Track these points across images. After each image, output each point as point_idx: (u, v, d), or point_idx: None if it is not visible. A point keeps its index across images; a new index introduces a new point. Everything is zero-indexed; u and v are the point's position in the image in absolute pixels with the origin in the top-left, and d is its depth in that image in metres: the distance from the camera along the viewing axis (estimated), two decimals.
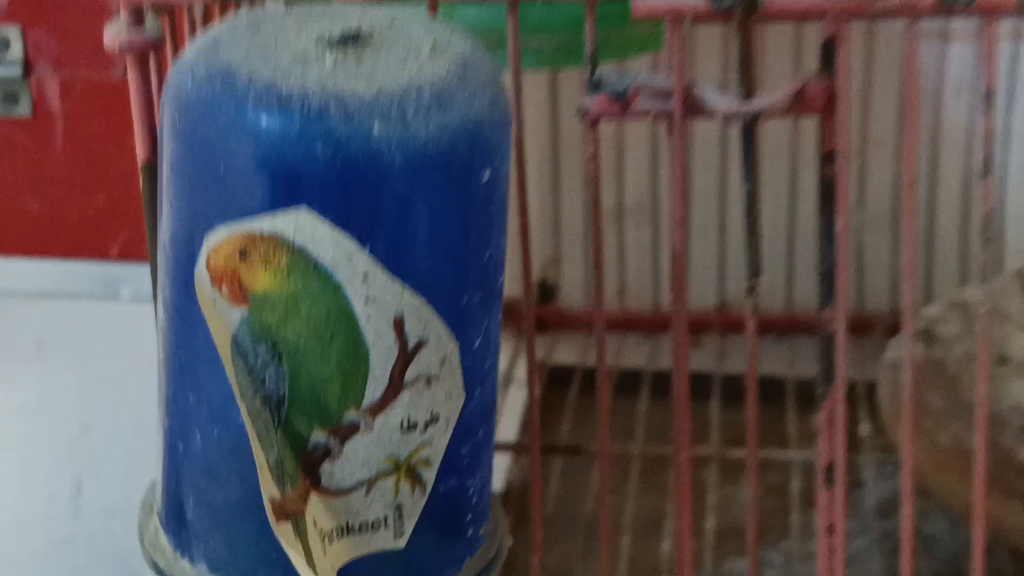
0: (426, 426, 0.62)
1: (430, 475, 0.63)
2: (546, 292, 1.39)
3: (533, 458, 0.72)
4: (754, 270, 0.64)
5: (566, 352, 1.36)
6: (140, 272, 0.97)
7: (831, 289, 0.66)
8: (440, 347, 0.60)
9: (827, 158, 0.64)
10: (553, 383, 1.32)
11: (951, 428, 1.04)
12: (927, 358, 1.10)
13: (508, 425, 1.25)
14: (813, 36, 1.02)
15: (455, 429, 0.63)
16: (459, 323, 0.61)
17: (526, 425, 1.24)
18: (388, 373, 0.60)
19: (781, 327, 1.33)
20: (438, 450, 0.62)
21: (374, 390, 0.60)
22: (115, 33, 0.68)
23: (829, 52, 0.64)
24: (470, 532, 0.66)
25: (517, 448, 1.21)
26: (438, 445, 0.62)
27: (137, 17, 0.67)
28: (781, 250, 1.34)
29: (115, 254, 0.98)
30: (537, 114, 1.32)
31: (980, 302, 0.70)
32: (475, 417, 0.63)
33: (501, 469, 1.18)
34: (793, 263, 1.35)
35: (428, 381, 0.61)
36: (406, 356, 0.60)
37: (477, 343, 0.62)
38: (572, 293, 1.39)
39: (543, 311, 1.37)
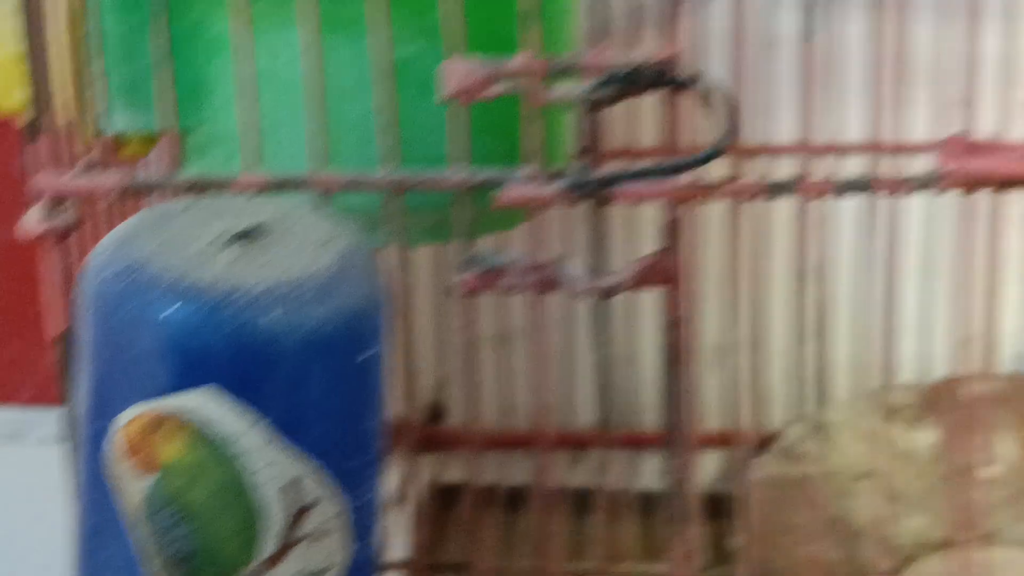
0: None
1: None
2: (436, 413, 1.45)
3: None
4: (604, 423, 0.71)
5: (455, 470, 1.41)
6: (48, 417, 1.01)
7: (678, 453, 0.73)
8: (329, 505, 0.68)
9: (673, 324, 0.72)
10: (443, 501, 1.37)
11: (813, 544, 1.10)
12: (791, 475, 1.15)
13: (397, 544, 1.30)
14: None
15: None
16: (347, 482, 0.68)
17: (415, 544, 1.30)
18: (281, 531, 0.67)
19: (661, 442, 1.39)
20: None
21: (268, 547, 0.67)
22: (36, 218, 0.75)
23: (672, 231, 0.72)
24: None
25: (407, 566, 1.27)
26: None
27: (57, 204, 0.74)
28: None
29: (25, 399, 1.02)
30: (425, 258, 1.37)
31: (840, 422, 0.76)
32: (362, 563, 0.70)
33: None
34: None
35: (318, 537, 0.68)
36: (297, 516, 0.67)
37: (363, 498, 0.69)
38: (459, 414, 1.45)
39: (433, 431, 1.43)
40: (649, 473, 1.31)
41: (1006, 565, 0.95)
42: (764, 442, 1.25)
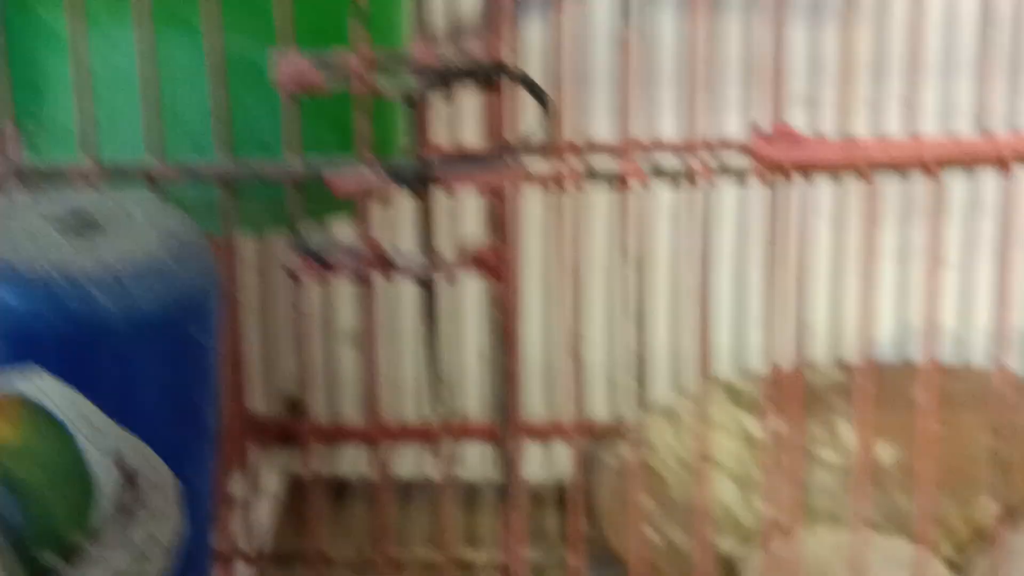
0: (148, 549, 0.71)
1: None
2: (295, 408, 1.46)
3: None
4: (436, 407, 0.74)
5: (317, 464, 1.43)
6: None
7: (508, 417, 0.76)
8: (160, 482, 0.70)
9: (501, 310, 0.75)
10: (300, 494, 1.39)
11: (663, 528, 1.13)
12: (637, 461, 1.18)
13: (253, 536, 1.31)
14: None
15: (178, 549, 0.72)
16: (178, 460, 0.70)
17: (274, 534, 1.31)
18: (111, 507, 0.69)
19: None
20: (161, 570, 0.72)
21: (98, 522, 0.69)
22: None
23: (497, 220, 0.75)
24: None
25: (262, 558, 1.28)
26: (165, 572, 0.71)
27: None
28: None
29: None
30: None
31: (686, 409, 0.79)
32: (195, 538, 0.73)
33: None
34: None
35: (150, 512, 0.70)
36: (128, 492, 0.69)
37: (194, 476, 0.72)
38: (318, 408, 1.46)
39: (292, 425, 1.45)
40: (476, 462, 1.33)
41: (845, 546, 0.98)
42: (605, 431, 1.27)
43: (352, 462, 1.38)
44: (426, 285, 0.74)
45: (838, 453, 1.19)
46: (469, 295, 1.02)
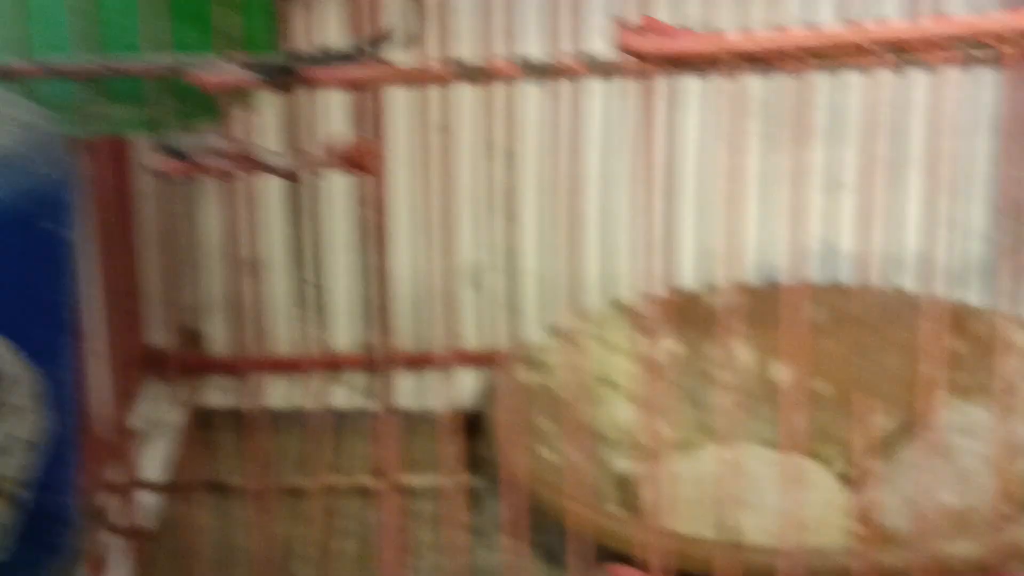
0: (13, 451, 0.70)
1: (24, 494, 0.72)
2: (192, 338, 1.46)
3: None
4: (300, 303, 0.74)
5: (213, 395, 1.43)
6: None
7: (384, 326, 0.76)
8: (20, 378, 0.69)
9: (369, 207, 0.75)
10: (201, 425, 1.39)
11: (558, 448, 1.14)
12: (537, 384, 1.19)
13: (155, 467, 1.31)
14: None
15: (45, 453, 0.71)
16: (37, 356, 0.70)
17: (174, 465, 1.31)
18: None
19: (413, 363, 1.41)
20: (29, 471, 0.71)
21: None
22: None
23: (363, 116, 0.74)
24: (64, 544, 0.74)
25: (167, 488, 1.28)
26: (28, 467, 0.71)
27: None
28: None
29: None
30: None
31: (582, 331, 0.79)
32: (61, 441, 0.72)
33: (151, 509, 1.24)
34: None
35: (11, 408, 0.69)
36: None
37: (55, 373, 0.71)
38: (216, 339, 1.46)
39: (189, 356, 1.44)
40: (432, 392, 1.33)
41: (744, 460, 0.99)
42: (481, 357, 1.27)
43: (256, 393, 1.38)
44: (293, 180, 0.73)
45: (735, 374, 1.21)
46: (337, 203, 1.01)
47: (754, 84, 1.30)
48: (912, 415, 1.17)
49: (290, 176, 0.72)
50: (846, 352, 1.24)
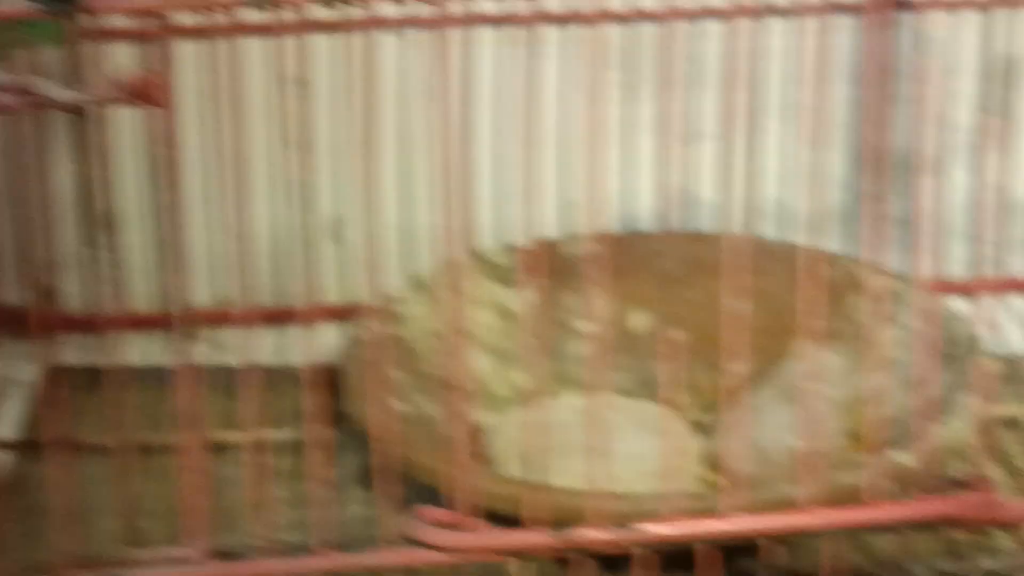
0: None
1: None
2: (47, 295, 1.44)
3: None
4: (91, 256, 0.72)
5: (68, 353, 1.41)
6: None
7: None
8: None
9: (161, 145, 0.73)
10: (56, 382, 1.37)
11: (414, 400, 1.13)
12: (390, 335, 1.18)
13: (9, 425, 1.29)
14: None
15: None
16: None
17: (26, 424, 1.30)
18: None
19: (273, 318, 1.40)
20: None
21: None
22: None
23: (152, 48, 0.72)
24: None
25: (20, 446, 1.27)
26: None
27: None
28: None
29: None
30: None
31: (440, 282, 0.78)
32: None
33: (4, 467, 1.23)
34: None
35: None
36: None
37: None
38: (71, 296, 1.44)
39: (45, 314, 1.42)
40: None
41: (600, 409, 0.99)
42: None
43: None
44: (78, 114, 0.71)
45: (592, 323, 1.21)
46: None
47: (614, 33, 1.30)
48: (766, 362, 1.18)
49: (76, 110, 0.70)
50: (703, 300, 1.24)
